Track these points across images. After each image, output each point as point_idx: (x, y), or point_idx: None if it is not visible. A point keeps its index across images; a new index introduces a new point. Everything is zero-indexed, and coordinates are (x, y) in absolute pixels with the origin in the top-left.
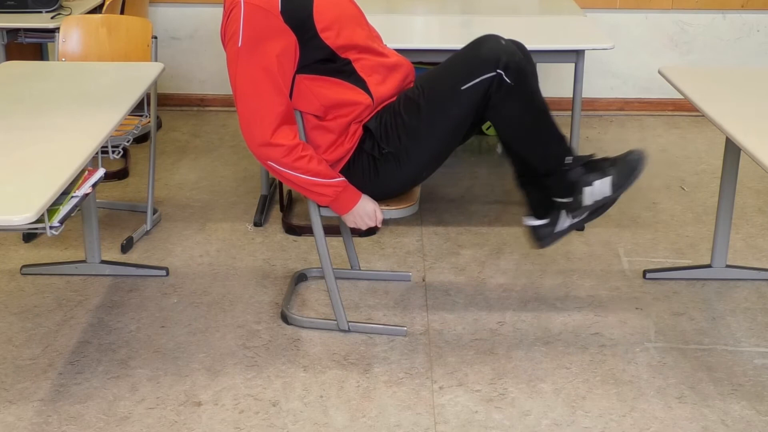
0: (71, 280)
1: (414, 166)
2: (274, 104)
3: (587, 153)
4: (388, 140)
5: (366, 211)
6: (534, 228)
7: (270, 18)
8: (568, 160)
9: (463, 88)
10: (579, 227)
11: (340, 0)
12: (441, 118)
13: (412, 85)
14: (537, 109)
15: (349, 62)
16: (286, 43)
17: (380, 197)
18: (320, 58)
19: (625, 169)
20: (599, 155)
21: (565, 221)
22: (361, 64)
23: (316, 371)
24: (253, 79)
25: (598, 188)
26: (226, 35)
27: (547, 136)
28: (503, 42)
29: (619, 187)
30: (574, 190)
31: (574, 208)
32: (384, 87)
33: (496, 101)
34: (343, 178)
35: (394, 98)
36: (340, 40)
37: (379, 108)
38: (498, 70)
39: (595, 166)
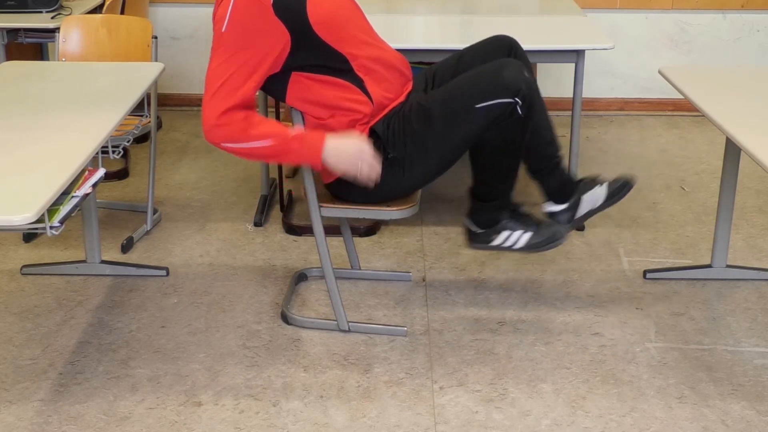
0: (71, 280)
1: (417, 173)
2: (238, 87)
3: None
4: (394, 145)
5: (349, 150)
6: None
7: (261, 11)
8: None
9: (478, 106)
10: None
11: None
12: (451, 131)
13: (411, 82)
14: (518, 150)
15: (345, 60)
16: (274, 40)
17: (380, 200)
18: (316, 56)
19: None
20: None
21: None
22: (358, 63)
23: (317, 371)
24: (225, 64)
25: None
26: (215, 17)
27: (512, 177)
28: (525, 73)
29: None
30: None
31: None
32: (381, 86)
33: (502, 126)
34: (300, 127)
35: (398, 100)
36: (335, 35)
37: (384, 111)
38: (516, 98)
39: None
